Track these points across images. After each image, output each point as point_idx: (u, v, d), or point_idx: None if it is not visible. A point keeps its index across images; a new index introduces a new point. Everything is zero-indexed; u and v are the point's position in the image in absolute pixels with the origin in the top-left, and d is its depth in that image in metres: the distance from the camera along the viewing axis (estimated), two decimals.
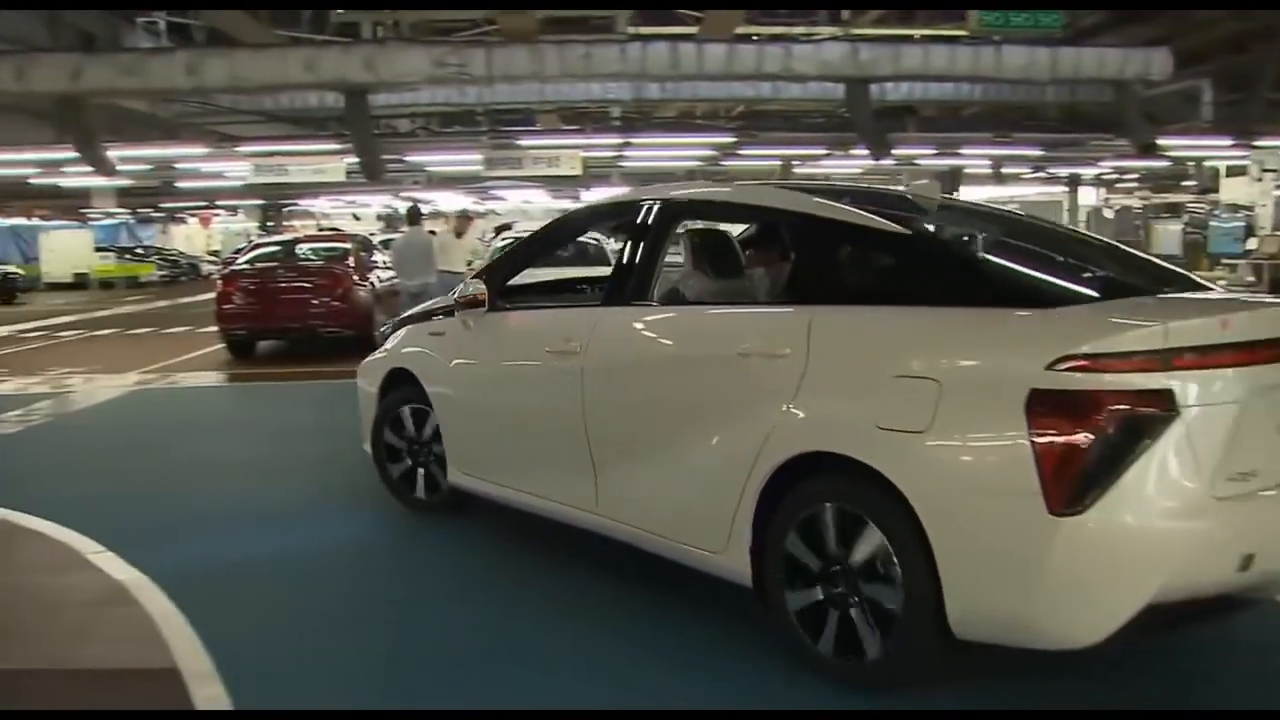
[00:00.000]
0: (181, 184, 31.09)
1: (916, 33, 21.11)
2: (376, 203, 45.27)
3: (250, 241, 28.39)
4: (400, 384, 6.24)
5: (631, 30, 20.33)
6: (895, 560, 3.58)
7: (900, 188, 5.39)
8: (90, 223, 43.67)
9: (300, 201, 43.75)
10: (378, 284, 15.35)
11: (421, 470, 6.14)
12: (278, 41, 19.43)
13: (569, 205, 29.99)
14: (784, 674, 3.93)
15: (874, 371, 3.72)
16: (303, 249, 16.99)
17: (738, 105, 27.03)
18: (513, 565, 5.32)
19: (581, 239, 11.79)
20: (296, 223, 47.53)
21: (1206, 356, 3.35)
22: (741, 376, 4.15)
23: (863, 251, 4.37)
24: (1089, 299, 3.83)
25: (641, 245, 4.95)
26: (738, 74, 15.50)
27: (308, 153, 21.85)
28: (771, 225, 5.10)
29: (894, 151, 21.78)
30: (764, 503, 3.99)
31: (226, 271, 17.22)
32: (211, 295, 16.44)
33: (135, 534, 5.96)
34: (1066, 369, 3.28)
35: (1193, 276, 4.36)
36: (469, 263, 14.47)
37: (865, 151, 21.07)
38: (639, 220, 5.02)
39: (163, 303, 30.11)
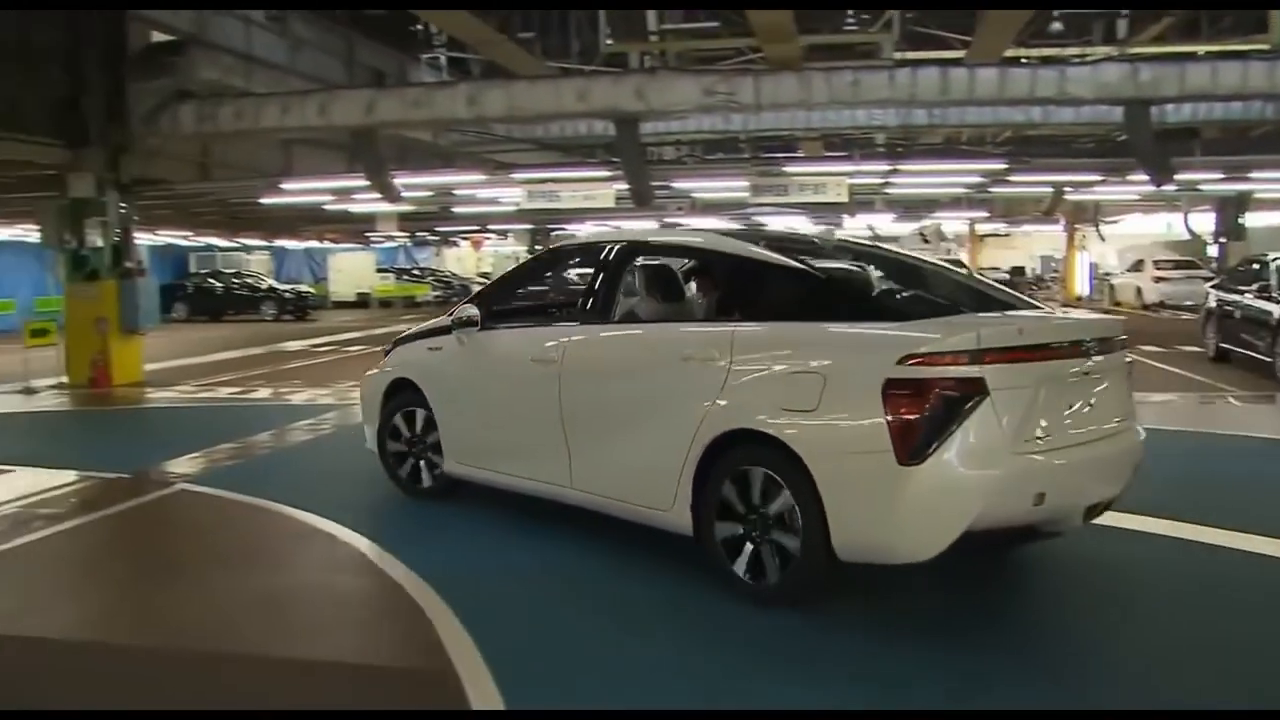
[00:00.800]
0: (457, 209, 32.61)
1: (1200, 49, 19.93)
2: (639, 228, 46.20)
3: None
4: (399, 392, 7.42)
5: (898, 56, 20.08)
6: (796, 507, 4.80)
7: (809, 232, 6.45)
8: (372, 245, 46.56)
9: (566, 226, 45.20)
10: None
11: (423, 463, 7.30)
12: (550, 73, 20.23)
13: (824, 229, 29.53)
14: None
15: (778, 369, 5.03)
16: None
17: (1005, 130, 26.17)
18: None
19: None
20: None
21: (1008, 354, 4.66)
22: (683, 376, 5.40)
23: (771, 281, 5.51)
24: (930, 315, 5.12)
25: (604, 277, 6.20)
26: (1010, 99, 14.89)
27: (579, 179, 22.51)
28: (706, 262, 6.28)
29: (1176, 177, 20.51)
30: (701, 470, 5.23)
31: None
32: None
33: (412, 538, 6.39)
34: (911, 364, 4.56)
35: (1023, 297, 5.80)
36: None
37: (1144, 177, 20.00)
38: (603, 258, 6.29)
39: None
